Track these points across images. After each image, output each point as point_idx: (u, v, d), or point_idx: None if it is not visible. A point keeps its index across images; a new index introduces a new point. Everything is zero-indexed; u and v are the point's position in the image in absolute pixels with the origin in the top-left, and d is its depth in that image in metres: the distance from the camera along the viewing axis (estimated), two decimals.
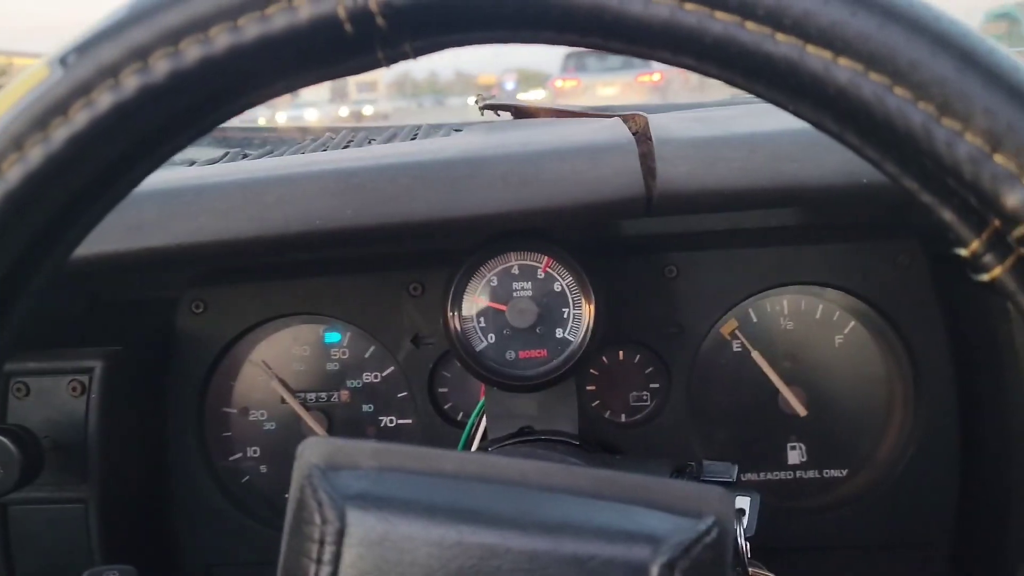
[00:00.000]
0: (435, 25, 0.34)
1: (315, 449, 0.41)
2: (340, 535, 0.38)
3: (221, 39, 0.32)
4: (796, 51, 0.30)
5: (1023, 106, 0.29)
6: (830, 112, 0.32)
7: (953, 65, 0.29)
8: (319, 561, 0.38)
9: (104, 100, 0.33)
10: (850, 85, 0.30)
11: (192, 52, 0.32)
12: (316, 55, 0.35)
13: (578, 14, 0.32)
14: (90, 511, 0.83)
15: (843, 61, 0.30)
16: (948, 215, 0.33)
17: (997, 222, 0.31)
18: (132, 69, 0.33)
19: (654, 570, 0.37)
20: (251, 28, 0.32)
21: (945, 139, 0.30)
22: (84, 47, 0.33)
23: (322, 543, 0.38)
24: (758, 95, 0.34)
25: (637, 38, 0.33)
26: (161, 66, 0.33)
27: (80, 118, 0.33)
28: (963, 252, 0.33)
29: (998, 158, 0.29)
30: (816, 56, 0.30)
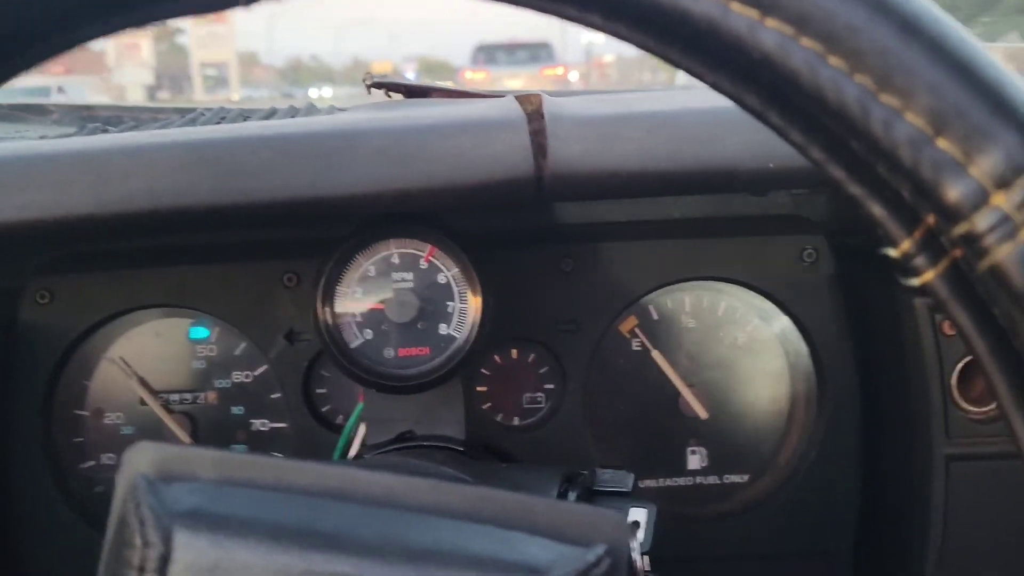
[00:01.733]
0: None
1: (144, 456, 0.35)
2: (164, 561, 0.33)
3: None
4: (718, 9, 0.26)
5: (972, 83, 0.25)
6: (753, 84, 0.28)
7: (895, 33, 0.25)
8: None
9: None
10: (778, 51, 0.26)
11: None
12: None
13: None
14: None
15: (771, 23, 0.26)
16: (877, 210, 0.28)
17: (932, 219, 0.26)
18: None
19: None
20: None
21: (882, 117, 0.25)
22: None
23: (142, 571, 0.33)
24: (673, 62, 0.29)
25: None
26: None
27: None
28: (892, 252, 0.29)
29: (941, 142, 0.25)
30: (741, 15, 0.26)
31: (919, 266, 0.28)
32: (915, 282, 0.28)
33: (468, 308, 0.75)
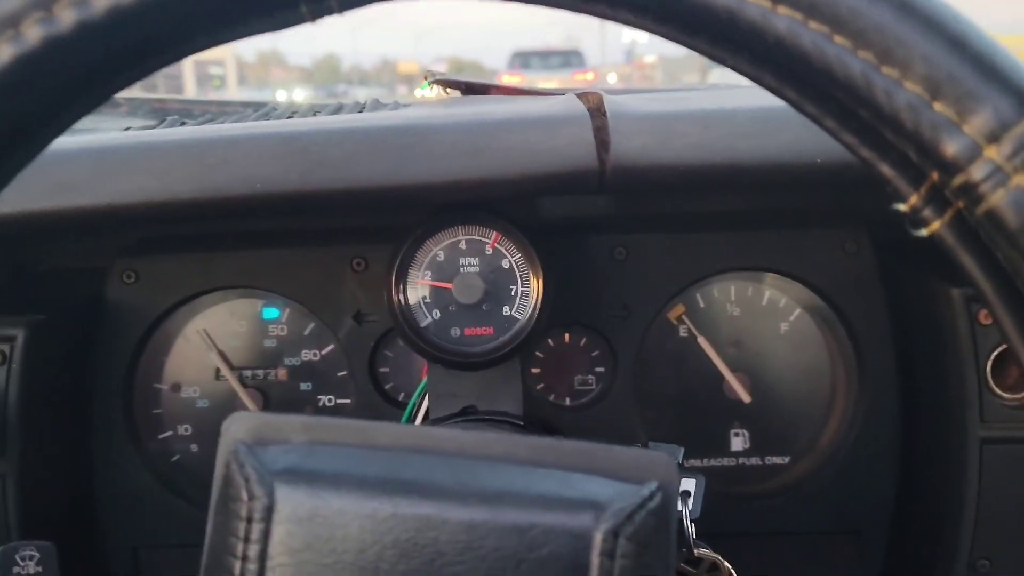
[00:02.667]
0: None
1: (242, 424, 0.40)
2: (269, 512, 0.37)
3: None
4: (735, 1, 0.30)
5: (962, 54, 0.29)
6: (769, 64, 0.32)
7: (892, 13, 0.29)
8: (247, 539, 0.37)
9: (4, 52, 0.31)
10: (789, 34, 0.30)
11: (100, 2, 0.31)
12: (239, 9, 0.33)
13: None
14: (8, 487, 0.79)
15: (782, 9, 0.30)
16: (886, 169, 0.32)
17: (935, 175, 0.30)
18: (34, 19, 0.31)
19: (597, 537, 0.36)
20: None
21: (884, 87, 0.29)
22: None
23: (250, 520, 0.37)
24: (700, 51, 0.33)
25: None
26: (67, 15, 0.31)
27: (4, 52, 0.31)
28: (902, 207, 0.32)
29: (937, 106, 0.29)
30: (755, 4, 0.30)
31: (927, 217, 0.31)
32: (924, 232, 0.32)
33: (530, 291, 0.80)
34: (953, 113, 0.28)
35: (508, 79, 14.98)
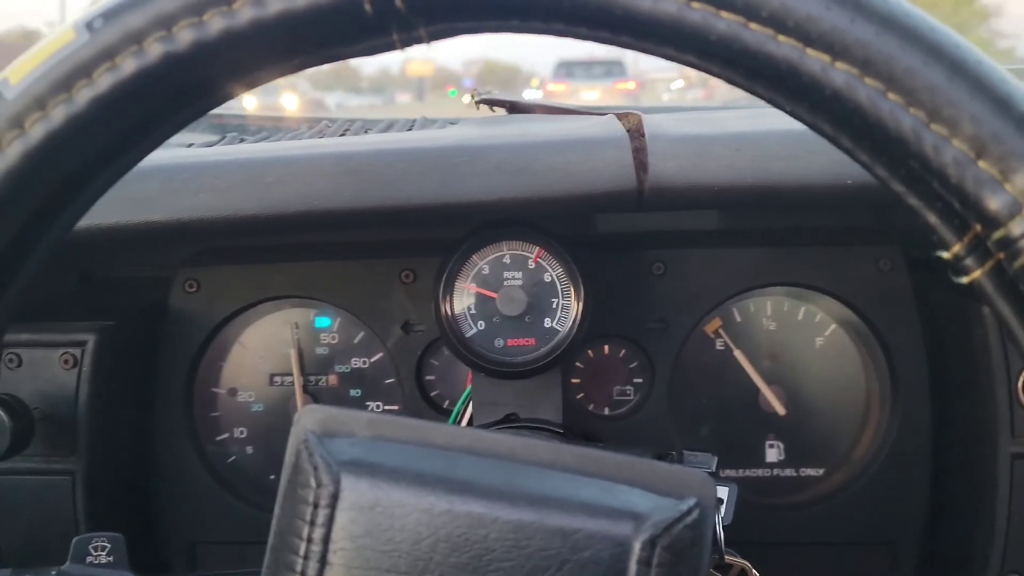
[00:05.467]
0: (450, 11, 0.35)
1: (312, 416, 0.42)
2: (334, 498, 0.39)
3: (244, 12, 0.34)
4: (796, 53, 0.32)
5: (1007, 115, 0.31)
6: (826, 114, 0.34)
7: (944, 74, 0.31)
8: (312, 523, 0.39)
9: (128, 65, 0.34)
10: (846, 88, 0.32)
11: (215, 23, 0.34)
12: (334, 33, 0.36)
13: (588, 8, 0.33)
14: (77, 483, 0.84)
15: (840, 65, 0.31)
16: (932, 218, 0.34)
17: (979, 227, 0.32)
18: (156, 37, 0.34)
19: (636, 545, 0.38)
20: (275, 3, 0.34)
21: (933, 143, 0.31)
22: (111, 13, 0.34)
23: (316, 506, 0.40)
24: (758, 95, 0.35)
25: (644, 33, 0.34)
26: (185, 35, 0.34)
27: (104, 81, 0.34)
28: (945, 255, 0.34)
29: (982, 164, 0.30)
30: (815, 59, 0.32)
31: (968, 266, 0.33)
32: (964, 280, 0.34)
33: (571, 305, 0.83)
34: (997, 171, 0.30)
35: (554, 87, 15.25)
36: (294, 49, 0.37)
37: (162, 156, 0.79)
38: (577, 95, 14.11)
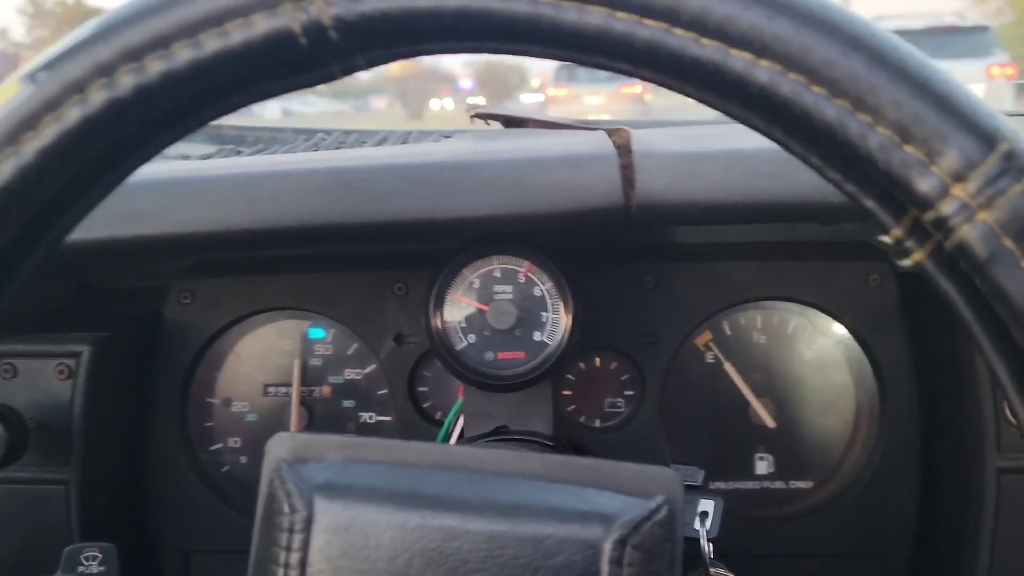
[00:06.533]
0: (384, 38, 0.35)
1: (282, 444, 0.43)
2: (308, 523, 0.40)
3: (182, 54, 0.34)
4: (719, 53, 0.32)
5: (927, 98, 0.31)
6: (755, 110, 0.34)
7: (863, 63, 0.31)
8: (289, 548, 0.40)
9: (72, 114, 0.35)
10: (771, 84, 0.32)
11: (154, 67, 0.34)
12: (273, 69, 0.36)
13: (518, 25, 0.34)
14: (71, 493, 0.85)
15: (763, 63, 0.32)
16: (870, 204, 0.34)
17: (915, 210, 0.32)
18: (98, 84, 0.34)
19: (606, 547, 0.39)
20: (210, 43, 0.34)
21: (858, 131, 0.31)
22: (52, 64, 0.35)
23: (291, 531, 0.40)
24: (690, 95, 0.36)
25: (573, 45, 0.34)
26: (125, 81, 0.34)
27: (49, 132, 0.35)
28: (886, 239, 0.35)
29: (907, 148, 0.31)
30: (738, 58, 0.32)
31: (909, 248, 0.34)
32: (908, 263, 0.34)
33: (560, 318, 0.84)
34: (922, 154, 0.31)
35: (555, 92, 14.81)
36: (236, 86, 0.37)
37: (158, 170, 0.80)
38: (580, 99, 13.87)
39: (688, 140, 0.79)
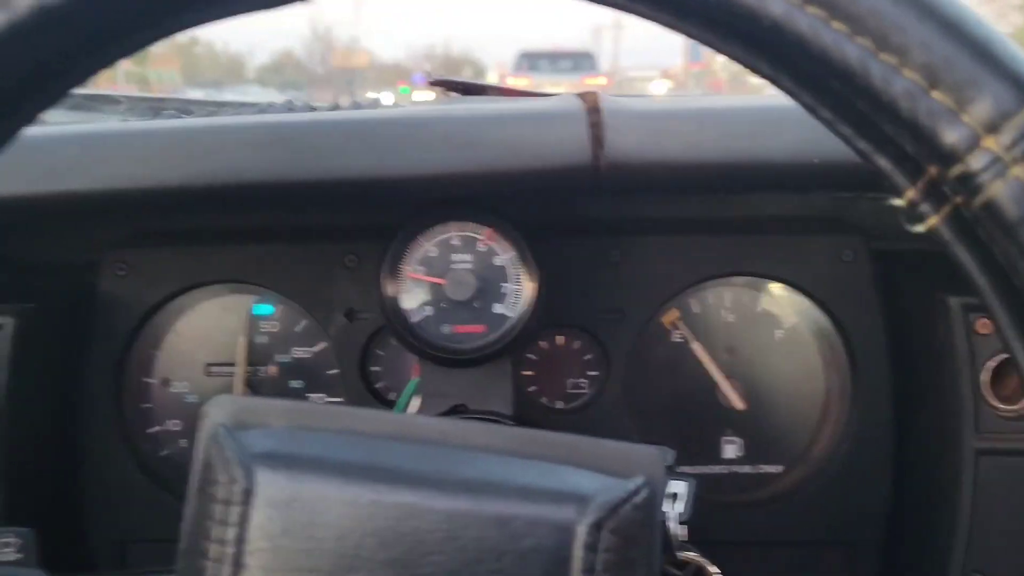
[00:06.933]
0: None
1: (222, 407, 0.40)
2: (247, 495, 0.36)
3: None
4: None
5: (961, 40, 0.28)
6: (765, 51, 0.31)
7: None
8: (224, 522, 0.36)
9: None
10: (785, 18, 0.29)
11: None
12: None
13: None
14: None
15: None
16: (884, 163, 0.31)
17: (933, 170, 0.29)
18: None
19: (580, 530, 0.36)
20: None
21: (881, 74, 0.28)
22: None
23: (228, 503, 0.36)
24: (691, 35, 0.32)
25: None
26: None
27: None
28: (899, 202, 0.31)
29: (935, 94, 0.28)
30: None
31: (924, 212, 0.31)
32: (921, 228, 0.31)
33: (522, 290, 0.79)
34: (952, 101, 0.28)
35: (514, 82, 14.51)
36: (173, 8, 0.33)
37: (85, 126, 0.74)
38: (541, 89, 13.66)
39: (661, 101, 0.75)
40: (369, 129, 0.69)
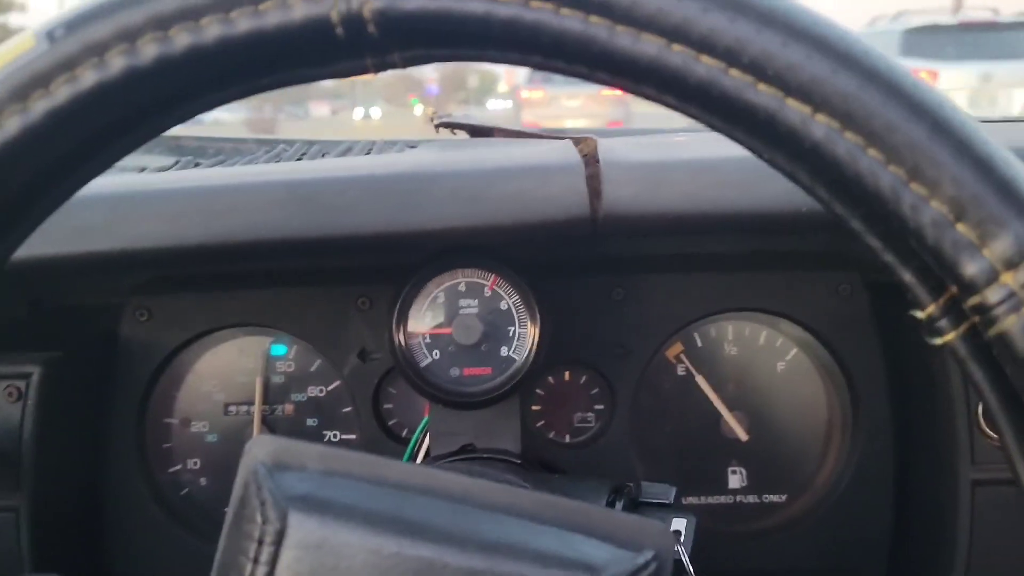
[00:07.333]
0: (425, 38, 0.34)
1: (264, 447, 0.41)
2: (280, 536, 0.38)
3: (211, 29, 0.33)
4: (776, 102, 0.31)
5: (988, 178, 0.30)
6: (804, 165, 0.33)
7: (926, 132, 0.30)
8: (256, 561, 0.38)
9: (88, 77, 0.33)
10: (825, 141, 0.31)
11: (181, 39, 0.33)
12: (305, 55, 0.35)
13: (567, 43, 0.32)
14: (21, 520, 0.81)
15: (820, 117, 0.31)
16: (908, 277, 0.33)
17: (954, 289, 0.31)
18: (119, 50, 0.33)
19: None
20: (243, 21, 0.33)
21: (911, 203, 0.30)
22: (73, 23, 0.33)
23: (261, 543, 0.38)
24: (736, 140, 0.35)
25: (622, 72, 0.33)
26: (148, 50, 0.33)
27: (62, 93, 0.33)
28: (919, 315, 0.33)
29: (960, 227, 0.30)
30: (795, 109, 0.31)
31: (942, 328, 0.32)
32: (938, 342, 0.33)
33: (527, 333, 0.82)
34: (975, 236, 0.29)
35: (529, 95, 13.81)
36: (262, 69, 0.36)
37: (110, 183, 0.77)
38: (557, 102, 12.90)
39: (657, 149, 0.78)
40: (383, 185, 0.72)
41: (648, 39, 0.32)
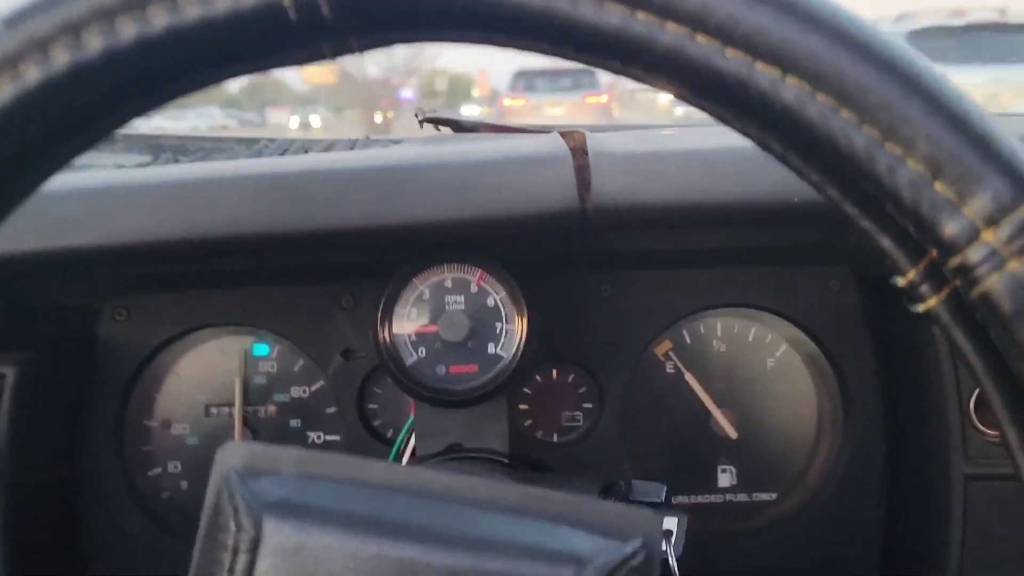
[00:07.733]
0: (382, 20, 0.33)
1: (235, 453, 0.39)
2: (255, 544, 0.37)
3: (159, 19, 0.31)
4: (745, 67, 0.30)
5: (965, 135, 0.29)
6: (775, 132, 0.32)
7: (899, 91, 0.29)
8: (231, 571, 0.37)
9: (32, 75, 0.31)
10: (796, 104, 0.30)
11: (127, 31, 0.31)
12: (257, 42, 0.33)
13: (527, 18, 0.31)
14: None
15: (791, 80, 0.30)
16: (886, 243, 0.32)
17: (934, 252, 0.30)
18: (62, 44, 0.31)
19: None
20: (192, 9, 0.31)
21: (887, 163, 0.29)
22: (13, 20, 0.32)
23: (235, 552, 0.37)
24: (706, 111, 0.33)
25: (587, 46, 0.32)
26: (94, 43, 0.31)
27: (5, 91, 0.32)
28: (900, 281, 0.32)
29: (938, 185, 0.29)
30: (764, 74, 0.30)
31: (923, 294, 0.32)
32: (920, 308, 0.32)
33: (515, 329, 0.80)
34: (953, 194, 0.28)
35: (511, 103, 13.51)
36: (213, 59, 0.34)
37: (87, 178, 0.75)
38: (540, 111, 12.76)
39: (646, 141, 0.76)
40: (367, 178, 0.70)
41: (611, 8, 0.30)
